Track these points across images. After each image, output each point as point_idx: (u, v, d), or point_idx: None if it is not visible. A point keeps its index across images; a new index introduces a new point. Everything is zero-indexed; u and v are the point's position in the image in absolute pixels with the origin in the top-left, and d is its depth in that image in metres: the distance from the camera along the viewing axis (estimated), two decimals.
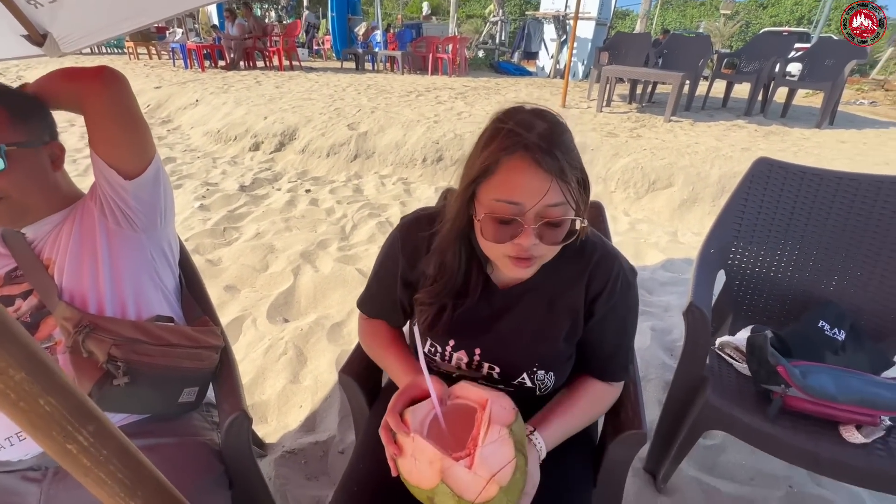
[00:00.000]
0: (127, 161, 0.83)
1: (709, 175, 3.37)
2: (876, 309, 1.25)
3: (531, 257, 0.64)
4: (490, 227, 0.63)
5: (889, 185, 1.23)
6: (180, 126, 5.40)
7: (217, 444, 0.93)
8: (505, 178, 0.60)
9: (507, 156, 0.59)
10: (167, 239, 0.98)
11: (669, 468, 1.28)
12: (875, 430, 0.99)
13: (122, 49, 12.17)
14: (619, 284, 0.73)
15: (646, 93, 6.41)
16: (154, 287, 0.94)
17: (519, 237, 0.61)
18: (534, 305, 0.76)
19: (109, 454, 0.45)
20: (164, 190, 0.91)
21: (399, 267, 0.79)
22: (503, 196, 0.61)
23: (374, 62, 10.34)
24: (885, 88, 8.29)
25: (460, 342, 0.78)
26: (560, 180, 0.59)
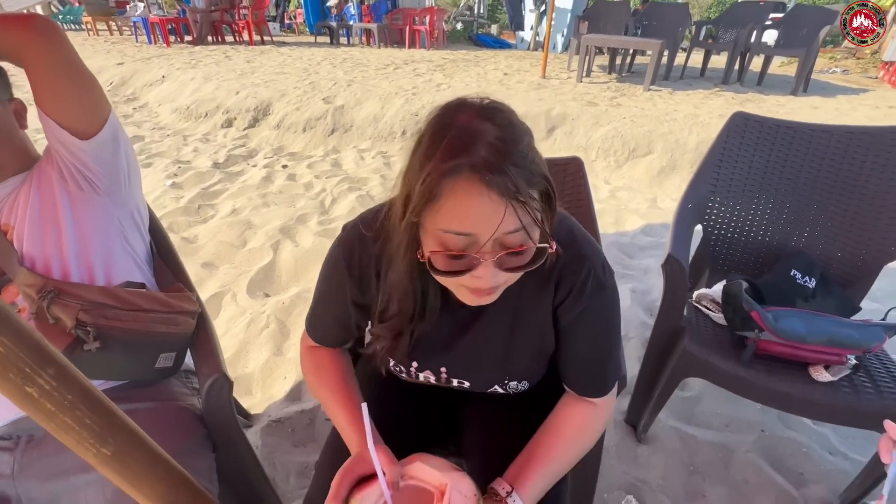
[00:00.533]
0: (79, 120, 0.78)
1: (687, 142, 3.40)
2: (844, 257, 1.29)
3: (491, 289, 0.55)
4: (441, 261, 0.52)
5: (859, 136, 1.26)
6: (147, 104, 5.16)
7: (198, 408, 0.91)
8: (451, 206, 0.48)
9: (450, 180, 0.47)
10: (134, 203, 0.94)
11: (649, 419, 1.32)
12: (842, 369, 1.04)
13: (79, 25, 11.48)
14: (589, 288, 0.62)
15: (625, 63, 6.37)
16: (123, 253, 0.91)
17: (476, 270, 0.51)
18: (497, 319, 0.67)
19: (75, 399, 0.44)
20: (125, 150, 0.87)
21: (347, 291, 0.67)
22: (451, 227, 0.49)
23: (350, 36, 10.00)
24: (857, 57, 8.42)
25: (424, 363, 0.73)
26: (517, 202, 0.47)
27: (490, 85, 4.97)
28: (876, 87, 6.33)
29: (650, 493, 1.23)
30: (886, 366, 1.09)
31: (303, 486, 1.24)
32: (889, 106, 4.86)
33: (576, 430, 0.68)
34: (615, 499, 1.22)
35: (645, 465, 1.31)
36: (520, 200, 0.47)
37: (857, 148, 1.26)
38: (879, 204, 1.24)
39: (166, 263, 1.04)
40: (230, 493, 0.92)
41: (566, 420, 0.69)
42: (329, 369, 0.75)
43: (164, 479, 0.51)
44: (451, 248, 0.51)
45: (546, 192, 0.52)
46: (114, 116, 0.83)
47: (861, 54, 8.56)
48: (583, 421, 0.69)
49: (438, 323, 0.67)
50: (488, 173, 0.46)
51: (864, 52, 8.56)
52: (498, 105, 0.51)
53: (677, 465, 1.31)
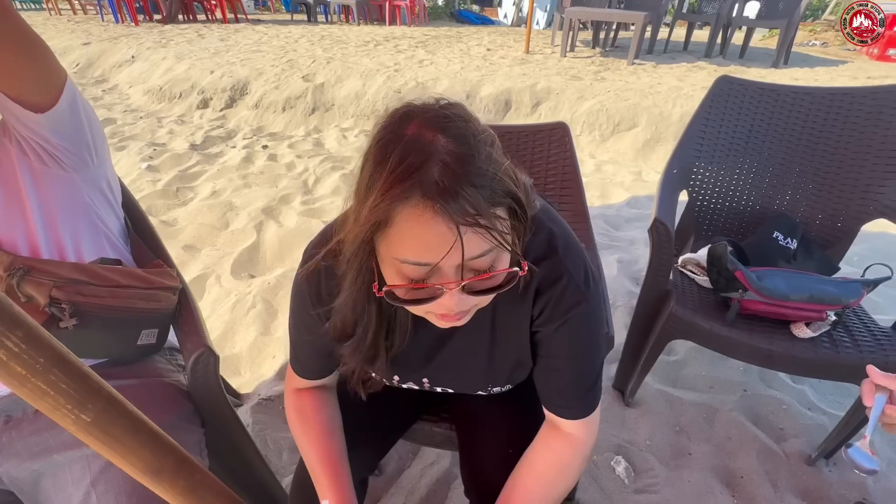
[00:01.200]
0: (32, 91, 0.71)
1: (671, 114, 3.40)
2: (824, 219, 1.32)
3: (461, 314, 0.50)
4: (402, 294, 0.48)
5: (840, 97, 1.27)
6: (117, 85, 4.95)
7: (184, 384, 0.90)
8: (405, 235, 0.43)
9: (400, 206, 0.41)
10: (105, 178, 0.89)
11: (636, 383, 1.35)
12: (822, 325, 1.06)
13: (38, 4, 10.87)
14: (567, 301, 0.57)
15: (609, 37, 6.31)
16: (96, 230, 0.87)
17: (441, 298, 0.47)
18: (475, 329, 0.62)
19: (48, 363, 0.42)
20: (88, 121, 0.81)
21: (321, 324, 0.62)
22: (408, 257, 0.44)
23: (328, 13, 9.67)
24: (836, 29, 8.48)
25: (405, 376, 0.71)
26: (481, 224, 0.41)
27: (473, 60, 4.87)
28: (854, 58, 6.40)
29: (638, 453, 1.27)
30: (864, 321, 1.12)
31: (295, 461, 1.24)
32: (867, 77, 4.93)
33: (556, 472, 0.63)
34: (604, 460, 1.25)
35: (633, 427, 1.35)
36: (481, 224, 0.41)
37: (837, 109, 1.27)
38: (859, 165, 1.26)
39: (144, 240, 1.01)
40: (222, 469, 0.91)
41: (545, 459, 0.64)
42: (312, 419, 0.70)
43: (148, 445, 0.50)
44: (412, 276, 0.45)
45: (514, 207, 0.45)
46: (71, 84, 0.76)
47: (840, 27, 8.63)
48: (562, 458, 0.64)
49: (416, 338, 0.63)
50: (441, 200, 0.40)
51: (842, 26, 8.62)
52: (452, 110, 0.44)
53: (664, 425, 1.35)
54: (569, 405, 0.63)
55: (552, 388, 0.64)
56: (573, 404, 0.63)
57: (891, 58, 6.14)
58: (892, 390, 0.58)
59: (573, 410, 0.63)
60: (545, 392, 0.65)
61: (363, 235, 0.45)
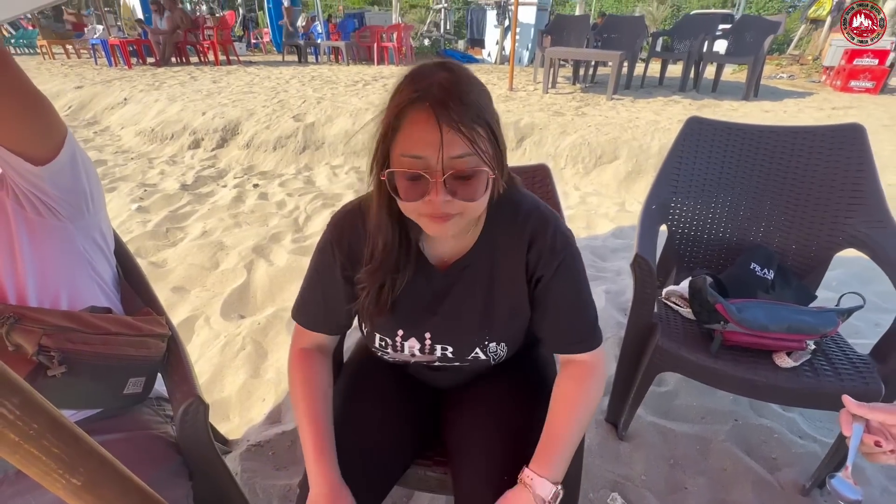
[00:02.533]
0: (33, 145, 0.73)
1: (650, 147, 3.54)
2: (798, 249, 1.37)
3: (446, 215, 0.60)
4: (400, 184, 0.59)
5: (803, 134, 1.35)
6: (109, 127, 5.01)
7: (172, 436, 0.88)
8: (408, 133, 0.57)
9: (408, 109, 0.56)
10: (98, 227, 0.91)
11: (628, 416, 1.35)
12: (803, 355, 1.09)
13: (33, 49, 11.11)
14: (559, 242, 0.70)
15: (588, 74, 6.61)
16: (89, 279, 0.88)
17: (430, 193, 0.57)
18: (474, 282, 0.74)
19: (41, 428, 0.42)
20: (86, 172, 0.84)
21: (338, 266, 0.73)
22: (407, 151, 0.57)
23: (318, 54, 10.02)
24: (801, 63, 9.01)
25: (409, 330, 0.76)
26: (463, 132, 0.55)
27: None
28: (819, 90, 6.77)
29: (634, 489, 1.26)
30: (843, 349, 1.15)
31: None
32: (832, 107, 5.20)
33: (581, 401, 0.73)
34: (601, 497, 1.23)
35: (627, 461, 1.34)
36: (466, 130, 0.55)
37: (801, 146, 1.35)
38: (825, 197, 1.32)
39: (134, 287, 1.02)
40: None
41: (567, 396, 0.73)
42: (315, 389, 0.78)
43: None
44: (407, 170, 0.58)
45: (492, 132, 0.59)
46: (71, 138, 0.79)
47: (804, 60, 9.16)
48: (583, 388, 0.73)
49: (419, 288, 0.73)
50: (435, 107, 0.55)
51: (807, 59, 9.15)
52: (457, 63, 0.61)
53: (658, 459, 1.34)
54: (582, 339, 0.73)
55: (565, 328, 0.74)
56: (585, 337, 0.74)
57: (853, 89, 6.50)
58: (867, 420, 0.61)
59: (587, 343, 0.74)
60: (559, 337, 0.75)
61: (381, 139, 0.60)
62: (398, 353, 0.79)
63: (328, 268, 0.75)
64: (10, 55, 0.70)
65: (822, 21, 9.87)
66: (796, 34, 12.06)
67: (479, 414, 0.81)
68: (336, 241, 0.74)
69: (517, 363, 0.90)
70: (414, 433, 0.84)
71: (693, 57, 5.89)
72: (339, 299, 0.76)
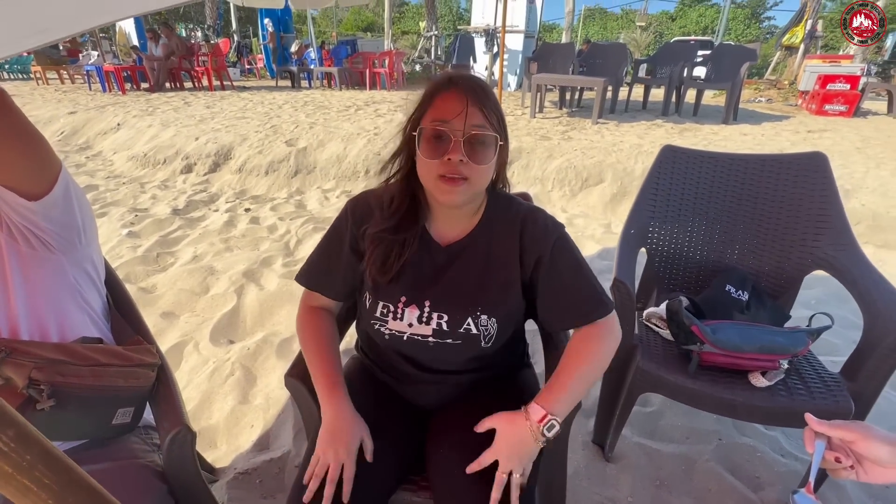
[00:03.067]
0: (27, 181, 0.75)
1: (634, 170, 3.64)
2: (770, 271, 1.43)
3: (460, 176, 0.73)
4: (426, 144, 0.74)
5: (770, 162, 1.42)
6: (101, 152, 5.04)
7: (159, 465, 0.89)
8: (438, 106, 0.74)
9: (439, 91, 0.75)
10: (90, 258, 0.93)
11: (614, 437, 1.37)
12: (777, 374, 1.13)
13: (26, 74, 11.20)
14: (551, 225, 0.83)
15: (574, 99, 6.82)
16: (79, 310, 0.90)
17: (449, 151, 0.72)
18: (473, 258, 0.84)
19: (34, 459, 0.44)
20: (79, 205, 0.86)
21: (347, 233, 0.86)
22: (437, 117, 0.73)
23: (311, 79, 10.22)
24: (777, 87, 9.37)
25: (411, 297, 0.84)
26: (482, 108, 0.73)
27: None
28: (796, 113, 7.03)
29: None
30: (815, 368, 1.19)
31: None
32: (808, 130, 5.40)
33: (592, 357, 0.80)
34: None
35: (614, 483, 1.35)
36: (484, 108, 0.73)
37: (769, 173, 1.43)
38: (794, 222, 1.39)
39: (124, 316, 1.03)
40: None
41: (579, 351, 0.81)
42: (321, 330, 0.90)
43: None
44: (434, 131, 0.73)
45: (500, 120, 0.77)
46: (65, 172, 0.80)
47: (781, 85, 9.52)
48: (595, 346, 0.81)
49: (423, 262, 0.84)
50: (463, 86, 0.74)
51: (784, 83, 9.52)
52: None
53: (644, 480, 1.36)
54: (596, 307, 0.81)
55: (575, 302, 0.82)
56: (597, 305, 0.81)
57: (827, 112, 6.76)
58: (829, 437, 0.64)
59: (602, 308, 0.81)
60: (571, 312, 0.83)
61: (414, 115, 0.78)
62: (397, 321, 0.84)
63: (339, 237, 0.87)
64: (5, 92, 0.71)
65: (795, 48, 10.32)
66: (773, 59, 12.58)
67: (461, 437, 0.83)
68: (351, 211, 0.86)
69: (501, 388, 0.93)
70: (398, 458, 0.86)
71: (674, 82, 6.11)
72: (343, 266, 0.87)
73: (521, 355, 1.04)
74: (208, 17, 14.05)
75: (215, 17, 13.79)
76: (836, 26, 24.18)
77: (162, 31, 8.55)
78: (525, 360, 1.06)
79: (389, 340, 0.86)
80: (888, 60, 13.64)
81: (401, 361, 0.90)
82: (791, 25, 10.55)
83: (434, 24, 12.75)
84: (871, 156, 4.13)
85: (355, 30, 30.58)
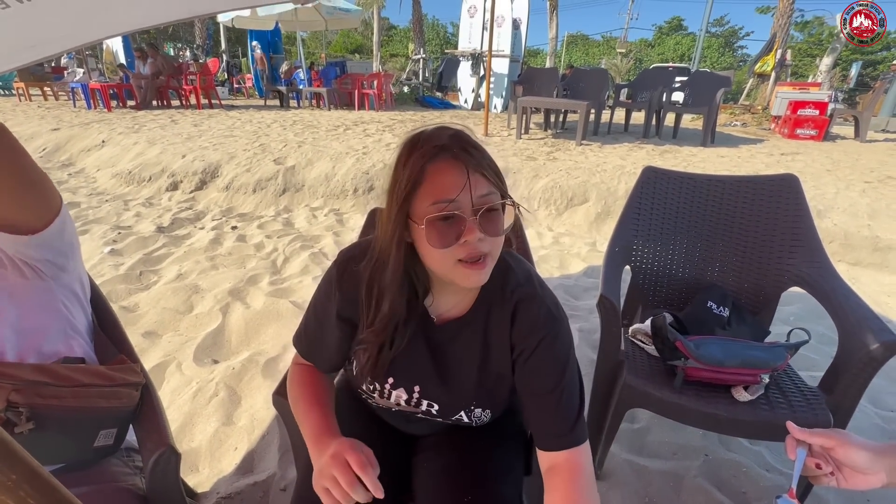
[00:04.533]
0: (26, 221, 0.75)
1: (617, 189, 3.74)
2: (749, 288, 1.47)
3: (482, 256, 0.63)
4: (434, 231, 0.61)
5: (745, 184, 1.48)
6: (84, 169, 4.97)
7: (141, 488, 0.86)
8: (434, 182, 0.61)
9: (430, 162, 0.61)
10: (78, 278, 0.92)
11: (602, 453, 1.38)
12: (758, 388, 1.16)
13: (9, 90, 11.06)
14: (543, 319, 0.70)
15: (559, 121, 7.01)
16: (64, 331, 0.88)
17: (465, 233, 0.61)
18: (471, 341, 0.74)
19: (19, 479, 0.43)
20: (71, 232, 0.86)
21: (334, 303, 0.74)
22: (439, 197, 0.61)
23: (300, 99, 10.30)
24: (752, 112, 9.78)
25: (399, 381, 0.77)
26: (482, 172, 0.62)
27: None
28: (769, 136, 7.33)
29: None
30: (795, 382, 1.23)
31: None
32: (781, 153, 5.63)
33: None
34: None
35: (604, 501, 1.34)
36: (484, 171, 0.63)
37: (745, 194, 1.49)
38: (769, 240, 1.44)
39: (108, 335, 1.02)
40: None
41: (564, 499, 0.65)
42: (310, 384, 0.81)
43: None
44: (441, 214, 0.61)
45: (497, 172, 0.66)
46: (64, 209, 0.80)
47: (755, 110, 9.95)
48: (580, 490, 0.65)
49: (417, 342, 0.74)
50: (458, 151, 0.62)
51: (757, 108, 9.95)
52: (447, 122, 0.67)
53: (633, 497, 1.36)
54: (565, 432, 0.68)
55: (540, 418, 0.70)
56: (567, 431, 0.68)
57: (799, 136, 7.07)
58: (810, 444, 0.66)
59: (569, 437, 0.68)
60: (534, 426, 0.72)
61: (402, 198, 0.63)
62: (384, 399, 0.79)
63: (327, 306, 0.76)
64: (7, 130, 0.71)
65: (767, 75, 10.83)
66: (746, 86, 13.16)
67: (449, 461, 0.83)
68: (337, 281, 0.74)
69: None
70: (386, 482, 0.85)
71: (654, 106, 6.35)
72: (334, 340, 0.77)
73: None
74: (198, 36, 14.16)
75: (205, 37, 13.91)
76: (804, 55, 25.53)
77: (148, 52, 8.56)
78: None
79: (377, 409, 0.85)
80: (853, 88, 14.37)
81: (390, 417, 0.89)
82: (762, 54, 11.09)
83: (422, 47, 13.07)
84: (840, 177, 4.32)
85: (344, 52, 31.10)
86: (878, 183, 4.16)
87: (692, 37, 35.52)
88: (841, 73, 16.89)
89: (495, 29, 7.21)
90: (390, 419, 0.90)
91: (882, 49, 27.71)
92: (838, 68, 16.17)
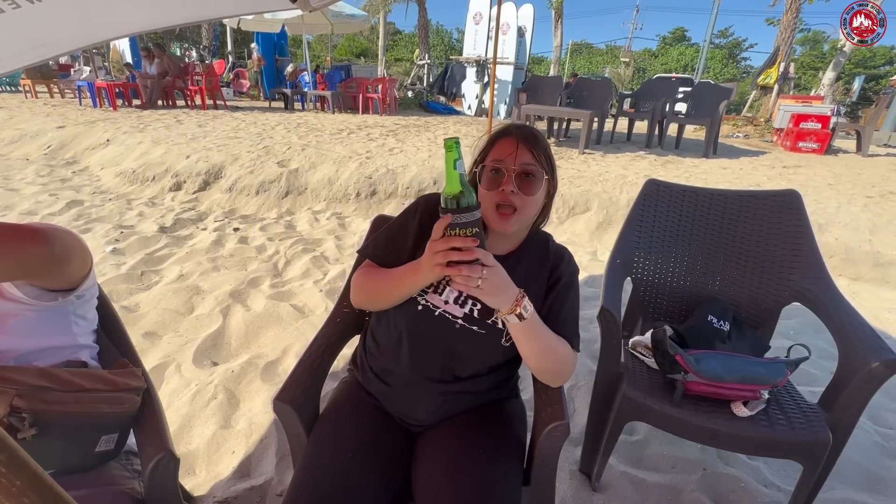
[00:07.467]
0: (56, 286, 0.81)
1: (619, 199, 3.75)
2: (750, 302, 1.48)
3: (512, 207, 0.86)
4: (486, 177, 0.89)
5: (747, 198, 1.49)
6: (88, 167, 4.99)
7: (139, 492, 0.87)
8: (496, 149, 0.90)
9: (498, 137, 0.91)
10: (92, 295, 0.93)
11: (601, 465, 1.37)
12: (758, 404, 1.16)
13: (15, 87, 11.12)
14: (571, 267, 0.98)
15: (561, 129, 7.03)
16: (72, 337, 0.89)
17: (503, 184, 0.86)
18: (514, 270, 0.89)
19: (23, 485, 0.43)
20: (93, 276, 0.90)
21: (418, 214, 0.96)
22: (494, 157, 0.89)
23: (304, 102, 10.35)
24: (754, 124, 9.81)
25: None
26: (531, 149, 0.87)
27: (440, 149, 5.29)
28: (771, 149, 7.34)
29: None
30: (795, 398, 1.23)
31: None
32: (783, 166, 5.64)
33: (562, 350, 0.89)
34: None
35: None
36: (535, 150, 0.87)
37: (746, 208, 1.49)
38: (770, 255, 1.45)
39: (110, 337, 1.02)
40: None
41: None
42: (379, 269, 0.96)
43: None
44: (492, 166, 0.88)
45: (550, 163, 0.90)
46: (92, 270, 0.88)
47: (757, 122, 9.98)
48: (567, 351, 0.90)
49: None
50: (518, 133, 0.89)
51: (760, 120, 9.98)
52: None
53: None
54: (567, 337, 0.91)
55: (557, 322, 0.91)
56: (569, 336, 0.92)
57: (801, 149, 7.09)
58: None
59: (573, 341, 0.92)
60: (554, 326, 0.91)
61: (479, 156, 0.93)
62: (436, 294, 0.91)
63: (409, 215, 0.97)
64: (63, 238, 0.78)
65: (770, 88, 10.87)
66: (749, 98, 13.21)
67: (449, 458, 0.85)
68: (424, 204, 0.97)
69: (489, 414, 0.94)
70: (381, 486, 0.85)
71: (657, 116, 6.37)
72: (403, 241, 0.96)
73: (512, 387, 1.06)
74: (204, 37, 14.25)
75: (211, 39, 14.00)
76: (807, 68, 25.63)
77: (154, 52, 8.62)
78: (514, 391, 1.07)
79: (419, 313, 0.90)
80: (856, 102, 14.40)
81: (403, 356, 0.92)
82: (766, 67, 11.15)
83: (427, 52, 13.14)
84: (842, 192, 4.32)
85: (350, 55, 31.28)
86: (879, 198, 4.17)
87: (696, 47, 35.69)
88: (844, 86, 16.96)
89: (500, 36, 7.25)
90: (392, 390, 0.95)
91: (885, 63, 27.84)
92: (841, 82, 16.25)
